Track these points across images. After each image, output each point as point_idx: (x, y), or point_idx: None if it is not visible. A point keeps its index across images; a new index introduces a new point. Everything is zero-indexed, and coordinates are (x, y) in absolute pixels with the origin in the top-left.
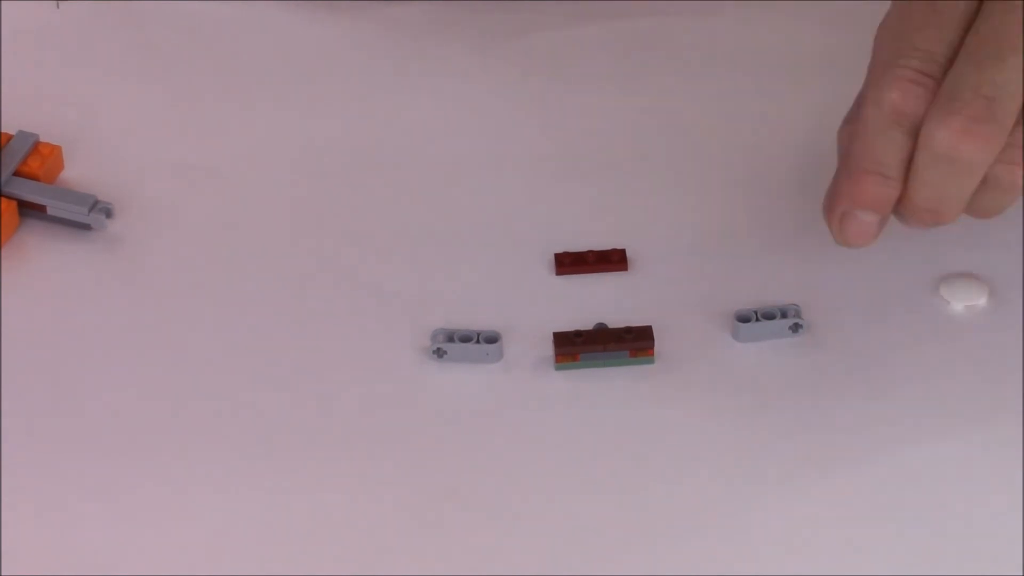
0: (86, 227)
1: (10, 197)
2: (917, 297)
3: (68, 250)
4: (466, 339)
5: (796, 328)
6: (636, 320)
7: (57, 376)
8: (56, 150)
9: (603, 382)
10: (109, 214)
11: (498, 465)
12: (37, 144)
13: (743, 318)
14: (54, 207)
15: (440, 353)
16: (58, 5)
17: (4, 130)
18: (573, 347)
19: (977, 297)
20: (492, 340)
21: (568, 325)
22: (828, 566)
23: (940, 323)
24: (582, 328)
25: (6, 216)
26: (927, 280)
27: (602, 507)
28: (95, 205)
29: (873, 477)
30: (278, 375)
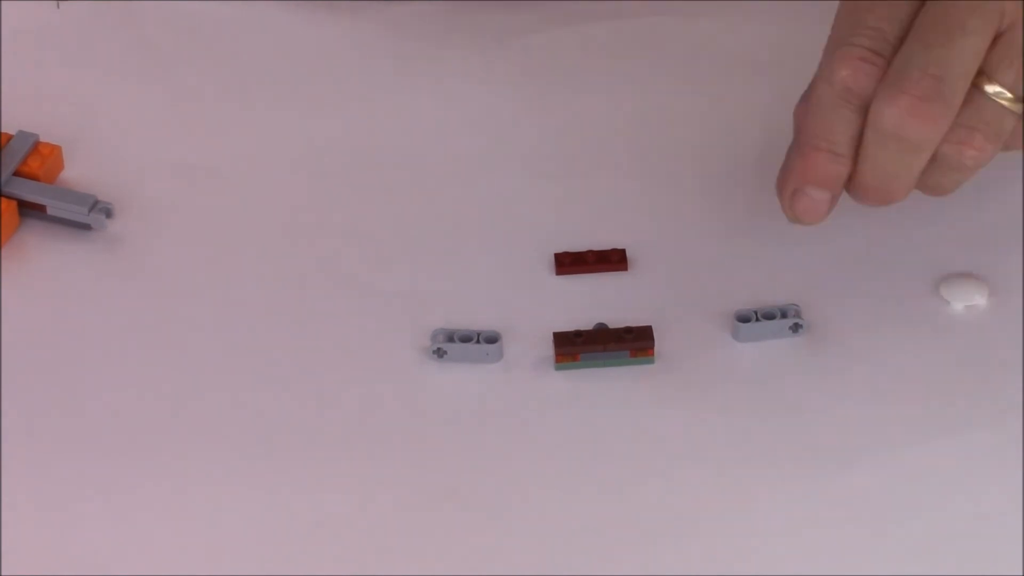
0: (86, 227)
1: (10, 197)
2: (917, 297)
3: (68, 250)
4: (466, 339)
5: (796, 328)
6: (636, 320)
7: (57, 376)
8: (56, 150)
9: (603, 382)
10: (109, 214)
11: (498, 465)
12: (37, 144)
13: (743, 318)
14: (54, 207)
15: (440, 353)
16: (58, 5)
17: (4, 130)
18: (573, 347)
19: (977, 297)
20: (492, 340)
21: (568, 325)
22: (828, 566)
23: (940, 323)
24: (582, 328)
25: (6, 216)
26: (927, 280)
27: (602, 507)
28: (95, 205)
29: (873, 477)
30: (278, 375)
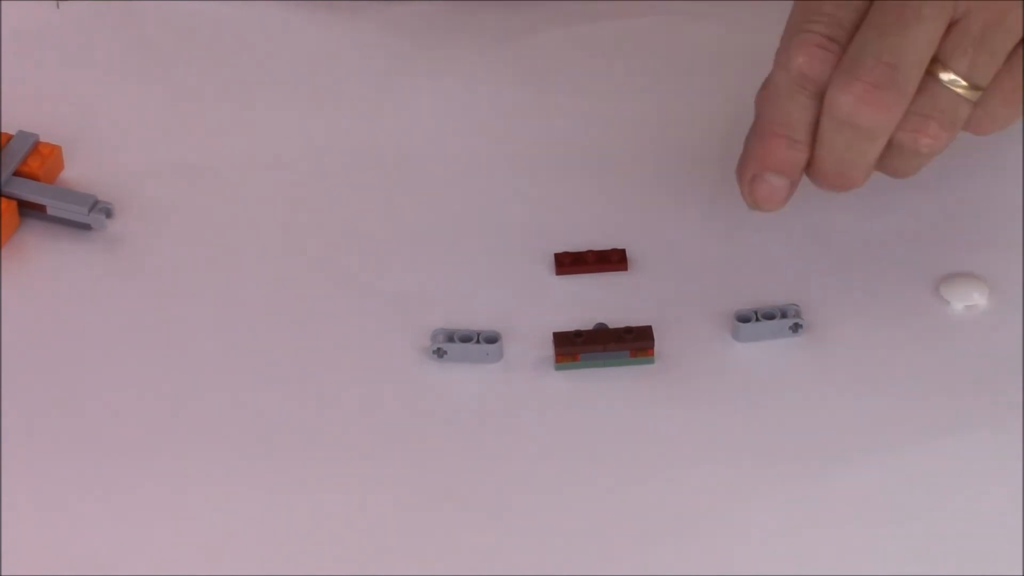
0: (86, 227)
1: (10, 197)
2: (917, 297)
3: (68, 250)
4: (466, 339)
5: (796, 328)
6: (636, 320)
7: (57, 376)
8: (56, 150)
9: (603, 382)
10: (109, 214)
11: (498, 465)
12: (37, 144)
13: (743, 318)
14: (54, 207)
15: (440, 353)
16: (58, 5)
17: (4, 130)
18: (573, 347)
19: (977, 297)
20: (492, 340)
21: (568, 325)
22: (828, 566)
23: (940, 323)
24: (582, 328)
25: (6, 216)
26: (927, 280)
27: (602, 507)
28: (95, 205)
29: (872, 477)
30: (278, 375)
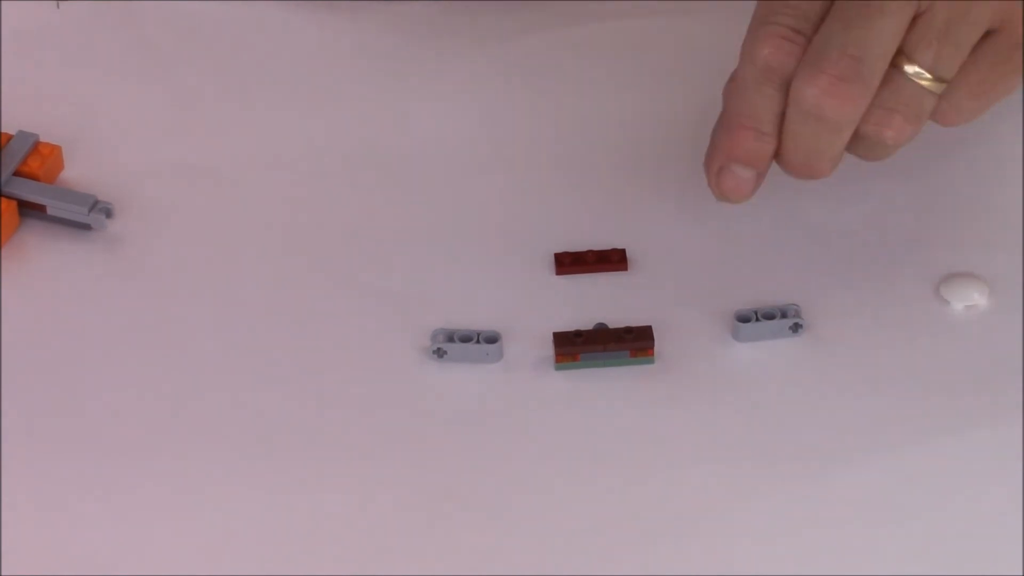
0: (86, 227)
1: (10, 197)
2: (917, 297)
3: (68, 250)
4: (466, 339)
5: (796, 328)
6: (636, 320)
7: (57, 376)
8: (56, 150)
9: (603, 382)
10: (109, 214)
11: (498, 465)
12: (37, 144)
13: (743, 318)
14: (54, 207)
15: (440, 353)
16: (58, 5)
17: (4, 130)
18: (573, 347)
19: (977, 297)
20: (492, 340)
21: (568, 325)
22: (828, 566)
23: (940, 323)
24: (582, 328)
25: (6, 216)
26: (927, 280)
27: (602, 507)
28: (95, 205)
29: (872, 477)
30: (278, 375)
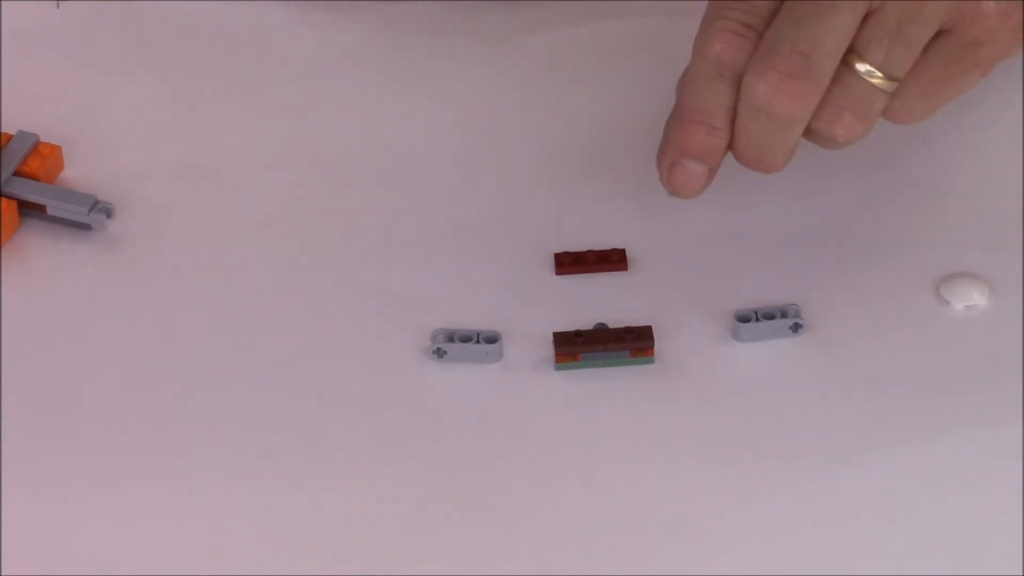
0: (86, 227)
1: (10, 197)
2: (917, 297)
3: (68, 250)
4: (466, 339)
5: (796, 328)
6: (636, 320)
7: (57, 376)
8: (56, 150)
9: (603, 382)
10: (109, 214)
11: (498, 465)
12: (37, 144)
13: (743, 318)
14: (54, 207)
15: (440, 353)
16: (58, 5)
17: (4, 130)
18: (573, 347)
19: (977, 297)
20: (492, 340)
21: (568, 325)
22: (828, 566)
23: (940, 323)
24: (582, 328)
25: (6, 216)
26: (927, 280)
27: (602, 507)
28: (95, 205)
29: (872, 477)
30: (278, 375)
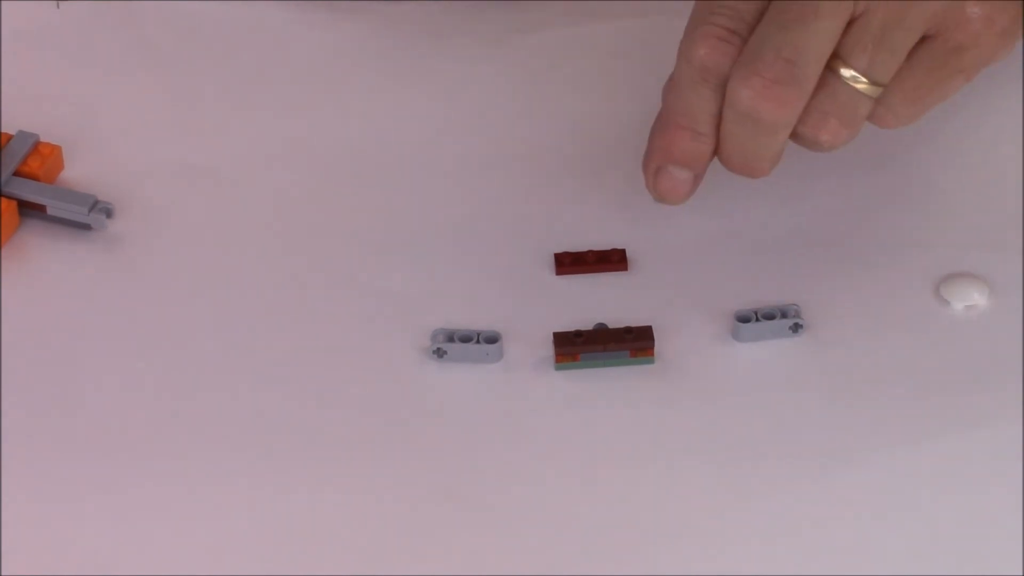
0: (86, 227)
1: (10, 197)
2: (917, 297)
3: (68, 250)
4: (466, 339)
5: (796, 328)
6: (636, 320)
7: (57, 376)
8: (56, 150)
9: (603, 382)
10: (109, 214)
11: (498, 465)
12: (37, 144)
13: (743, 318)
14: (54, 207)
15: (440, 353)
16: (58, 5)
17: (4, 130)
18: (573, 347)
19: (977, 297)
20: (492, 340)
21: (568, 325)
22: (828, 566)
23: (940, 323)
24: (582, 328)
25: (6, 216)
26: (927, 280)
27: (602, 507)
28: (95, 205)
29: (872, 477)
30: (278, 375)
